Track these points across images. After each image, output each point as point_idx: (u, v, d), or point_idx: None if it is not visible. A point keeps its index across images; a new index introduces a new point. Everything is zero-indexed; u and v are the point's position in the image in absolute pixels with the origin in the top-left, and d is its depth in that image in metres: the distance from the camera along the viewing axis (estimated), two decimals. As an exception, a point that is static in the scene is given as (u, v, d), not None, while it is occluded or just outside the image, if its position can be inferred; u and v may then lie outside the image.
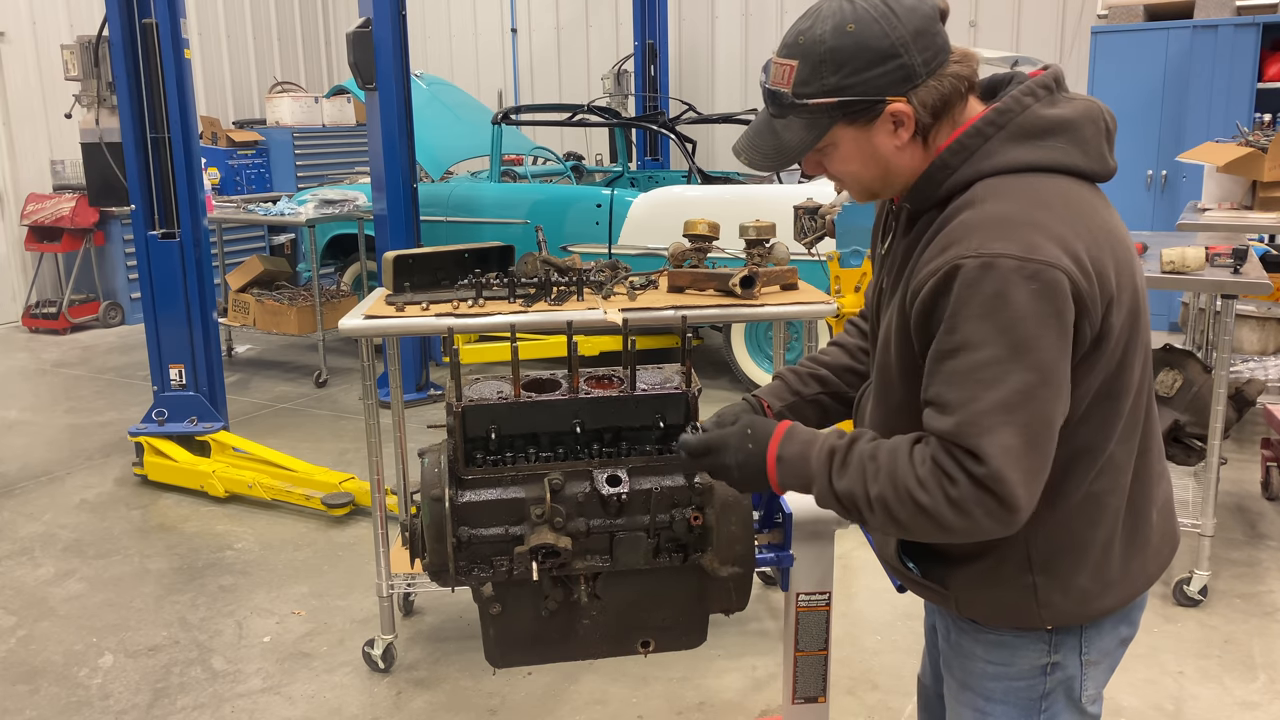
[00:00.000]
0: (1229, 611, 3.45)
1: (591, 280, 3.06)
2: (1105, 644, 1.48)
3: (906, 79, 1.33)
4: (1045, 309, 1.23)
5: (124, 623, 3.53)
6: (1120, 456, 1.39)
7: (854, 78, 1.33)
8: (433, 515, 1.80)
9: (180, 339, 4.65)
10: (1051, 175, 1.33)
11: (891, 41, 1.31)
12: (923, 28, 1.32)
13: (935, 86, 1.34)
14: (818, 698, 2.46)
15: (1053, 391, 1.25)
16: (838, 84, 1.34)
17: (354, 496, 4.36)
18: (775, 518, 2.36)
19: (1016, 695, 1.49)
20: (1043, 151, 1.33)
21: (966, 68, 1.37)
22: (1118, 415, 1.37)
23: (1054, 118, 1.35)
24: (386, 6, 5.27)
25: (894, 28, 1.31)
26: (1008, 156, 1.33)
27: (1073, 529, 1.39)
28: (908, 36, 1.32)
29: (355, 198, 6.52)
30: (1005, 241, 1.24)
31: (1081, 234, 1.28)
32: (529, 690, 3.06)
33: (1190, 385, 3.70)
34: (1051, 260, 1.23)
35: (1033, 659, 1.46)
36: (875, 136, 1.37)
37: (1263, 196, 4.62)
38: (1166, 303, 7.05)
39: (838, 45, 1.33)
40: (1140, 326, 1.37)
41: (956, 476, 1.25)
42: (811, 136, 1.39)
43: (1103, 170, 1.38)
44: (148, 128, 4.48)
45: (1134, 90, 6.95)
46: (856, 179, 1.45)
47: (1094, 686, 1.50)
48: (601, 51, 9.89)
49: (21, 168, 8.41)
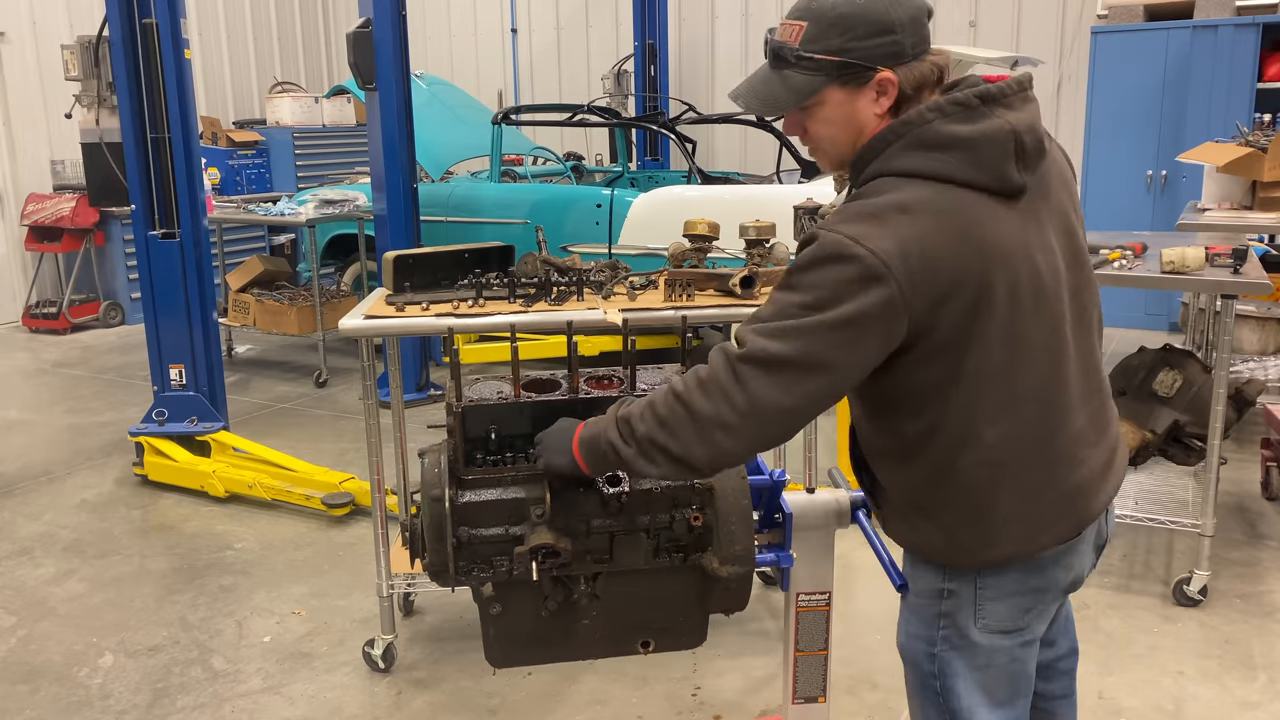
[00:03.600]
0: (1229, 611, 3.45)
1: (591, 280, 3.06)
2: (1004, 586, 1.64)
3: (896, 55, 1.53)
4: (854, 286, 1.42)
5: (124, 623, 3.53)
6: (989, 437, 1.54)
7: (855, 43, 1.52)
8: (433, 515, 1.80)
9: (180, 339, 4.65)
10: (934, 183, 1.48)
11: (891, 20, 1.52)
12: (915, 16, 1.54)
13: (917, 68, 1.55)
14: (818, 698, 2.46)
15: (825, 342, 1.44)
16: (840, 45, 1.53)
17: (354, 496, 4.36)
18: (775, 517, 2.36)
19: (921, 610, 1.72)
20: (931, 162, 1.49)
21: (940, 61, 1.57)
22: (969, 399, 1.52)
23: (949, 134, 1.49)
24: (386, 6, 5.27)
25: (894, 9, 1.52)
26: (901, 162, 1.51)
27: (945, 491, 1.59)
28: (904, 19, 1.53)
29: (355, 198, 6.51)
30: (852, 225, 1.45)
31: (927, 236, 1.44)
32: (529, 690, 3.06)
33: (1190, 385, 3.70)
34: (874, 249, 1.41)
35: (931, 581, 1.69)
36: (859, 101, 1.56)
37: (1262, 196, 4.62)
38: (1166, 303, 7.05)
39: (847, 13, 1.53)
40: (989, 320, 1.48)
41: (712, 361, 1.51)
42: (807, 90, 1.57)
43: (999, 186, 1.50)
44: (148, 128, 4.48)
45: (1134, 90, 6.95)
46: (832, 142, 1.61)
47: (992, 618, 1.66)
48: (601, 51, 9.88)
49: (21, 168, 8.41)
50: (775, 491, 2.35)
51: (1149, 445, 3.70)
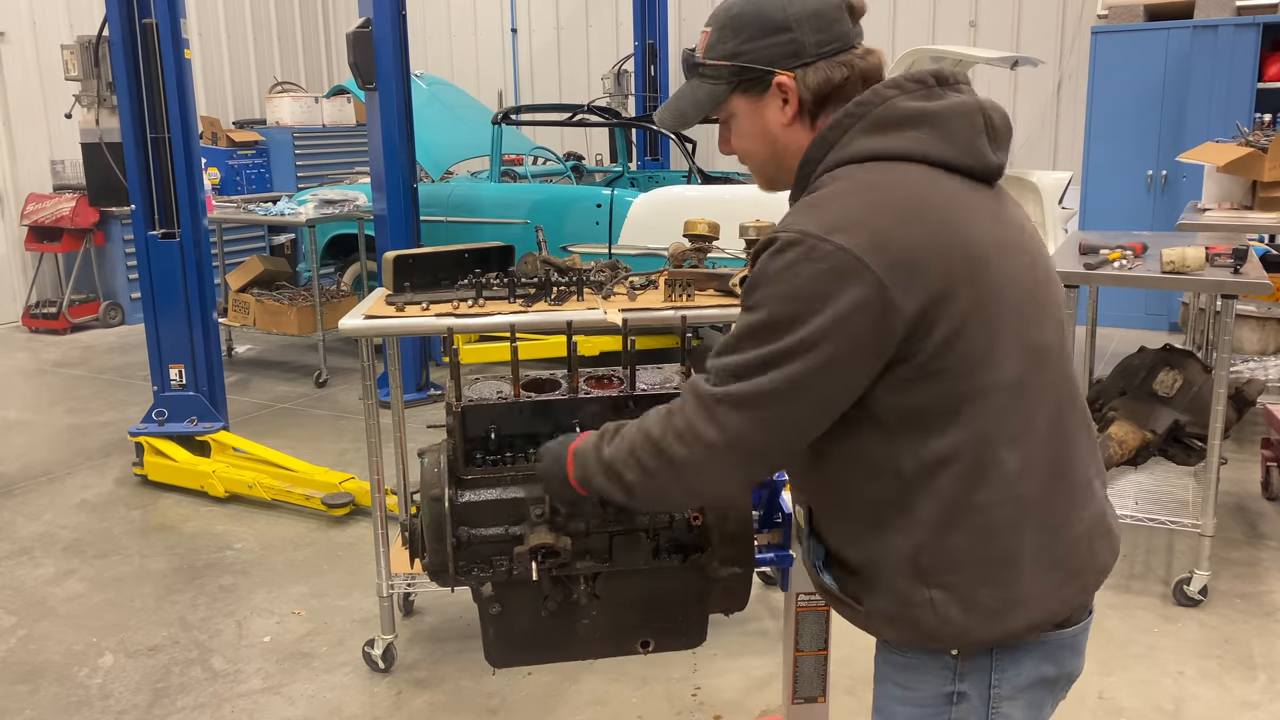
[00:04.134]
0: (1229, 611, 3.44)
1: (591, 280, 3.06)
2: (1019, 679, 1.39)
3: (795, 54, 1.38)
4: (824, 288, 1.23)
5: (124, 623, 3.53)
6: (1011, 464, 1.30)
7: (749, 44, 1.40)
8: (432, 515, 1.80)
9: (180, 339, 4.65)
10: (898, 164, 1.33)
11: (786, 16, 1.38)
12: (820, 10, 1.38)
13: (824, 69, 1.38)
14: (817, 698, 2.46)
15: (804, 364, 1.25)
16: (734, 49, 1.41)
17: (354, 496, 4.36)
18: (775, 517, 2.36)
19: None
20: (893, 140, 1.33)
21: (867, 63, 1.40)
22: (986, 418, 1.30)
23: (913, 109, 1.34)
24: (386, 6, 5.27)
25: (792, 4, 1.38)
26: (857, 146, 1.34)
27: (960, 539, 1.32)
28: (802, 15, 1.38)
29: (355, 198, 6.51)
30: (812, 221, 1.27)
31: (903, 223, 1.26)
32: (529, 690, 3.06)
33: (1190, 385, 3.70)
34: (843, 244, 1.23)
35: (937, 685, 1.40)
36: (765, 109, 1.42)
37: (1263, 196, 4.62)
38: (1166, 303, 7.05)
39: (740, 14, 1.42)
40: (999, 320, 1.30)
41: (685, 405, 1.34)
42: (710, 101, 1.46)
43: (975, 163, 1.35)
44: (148, 128, 4.48)
45: (1134, 90, 6.95)
46: (753, 157, 1.49)
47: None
48: (601, 51, 9.88)
49: (21, 168, 8.41)
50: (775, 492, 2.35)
51: (1149, 445, 3.70)
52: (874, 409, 1.31)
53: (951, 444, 1.30)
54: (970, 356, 1.28)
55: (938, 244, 1.26)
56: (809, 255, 1.24)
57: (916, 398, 1.29)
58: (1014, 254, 1.35)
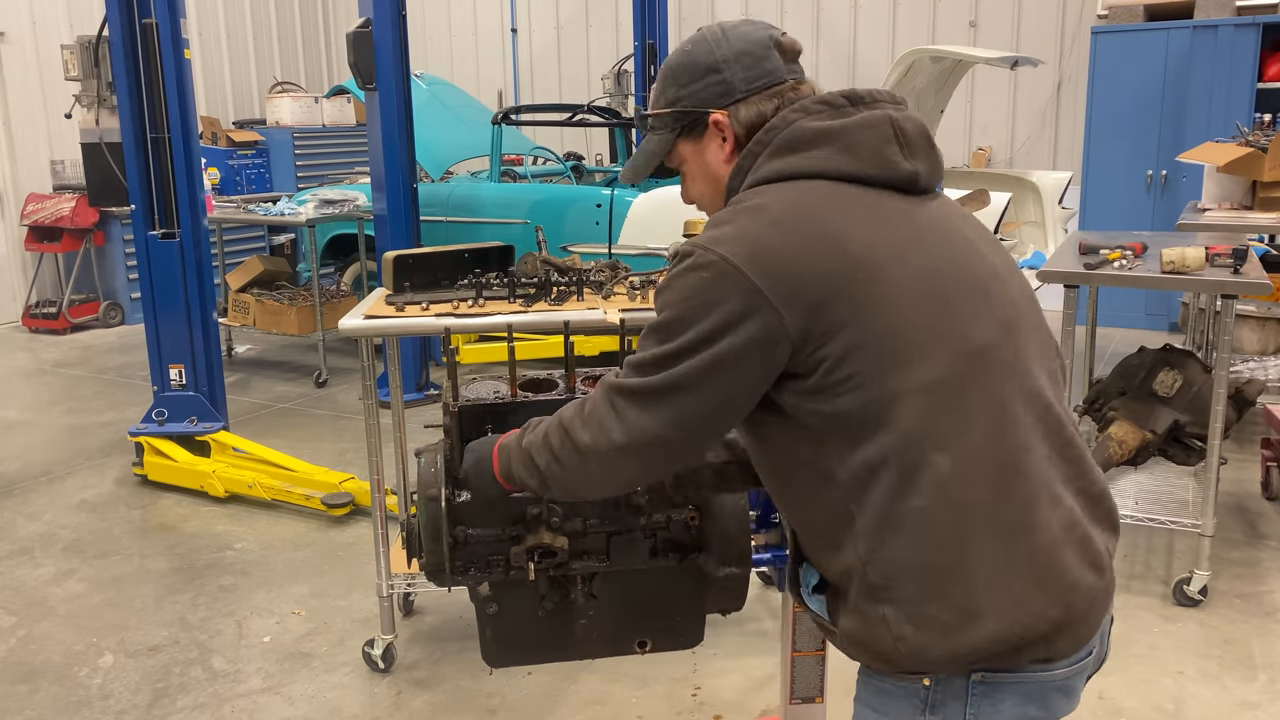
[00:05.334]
0: (1229, 611, 3.44)
1: (591, 280, 3.06)
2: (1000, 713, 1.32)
3: (726, 93, 1.47)
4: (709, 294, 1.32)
5: (124, 623, 3.53)
6: (942, 467, 1.27)
7: (684, 89, 1.49)
8: (429, 515, 1.80)
9: (180, 339, 4.65)
10: (802, 181, 1.39)
11: (715, 59, 1.47)
12: (747, 50, 1.47)
13: (755, 104, 1.46)
14: (815, 698, 2.46)
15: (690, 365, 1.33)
16: (674, 96, 1.51)
17: (354, 496, 4.36)
18: (773, 518, 2.36)
19: None
20: (798, 161, 1.40)
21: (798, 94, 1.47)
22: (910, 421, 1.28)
23: (817, 129, 1.40)
24: (386, 6, 5.27)
25: (720, 47, 1.48)
26: (766, 169, 1.42)
27: (899, 552, 1.29)
28: (730, 56, 1.47)
29: (355, 198, 6.52)
30: (707, 235, 1.37)
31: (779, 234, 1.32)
32: (529, 690, 3.06)
33: (1190, 385, 3.70)
34: (725, 254, 1.31)
35: (908, 715, 1.35)
36: (707, 150, 1.51)
37: (1263, 196, 4.62)
38: (1166, 303, 7.05)
39: (677, 64, 1.51)
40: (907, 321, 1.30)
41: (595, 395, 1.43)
42: (660, 149, 1.54)
43: (883, 172, 1.39)
44: (148, 128, 4.48)
45: (1134, 90, 6.95)
46: (704, 199, 1.56)
47: None
48: (601, 51, 9.88)
49: (21, 168, 8.41)
50: (774, 491, 2.35)
51: (1149, 445, 3.70)
52: (800, 418, 1.34)
53: (879, 449, 1.29)
54: (878, 360, 1.29)
55: (815, 253, 1.31)
56: (697, 265, 1.34)
57: (835, 404, 1.31)
58: (932, 256, 1.36)
